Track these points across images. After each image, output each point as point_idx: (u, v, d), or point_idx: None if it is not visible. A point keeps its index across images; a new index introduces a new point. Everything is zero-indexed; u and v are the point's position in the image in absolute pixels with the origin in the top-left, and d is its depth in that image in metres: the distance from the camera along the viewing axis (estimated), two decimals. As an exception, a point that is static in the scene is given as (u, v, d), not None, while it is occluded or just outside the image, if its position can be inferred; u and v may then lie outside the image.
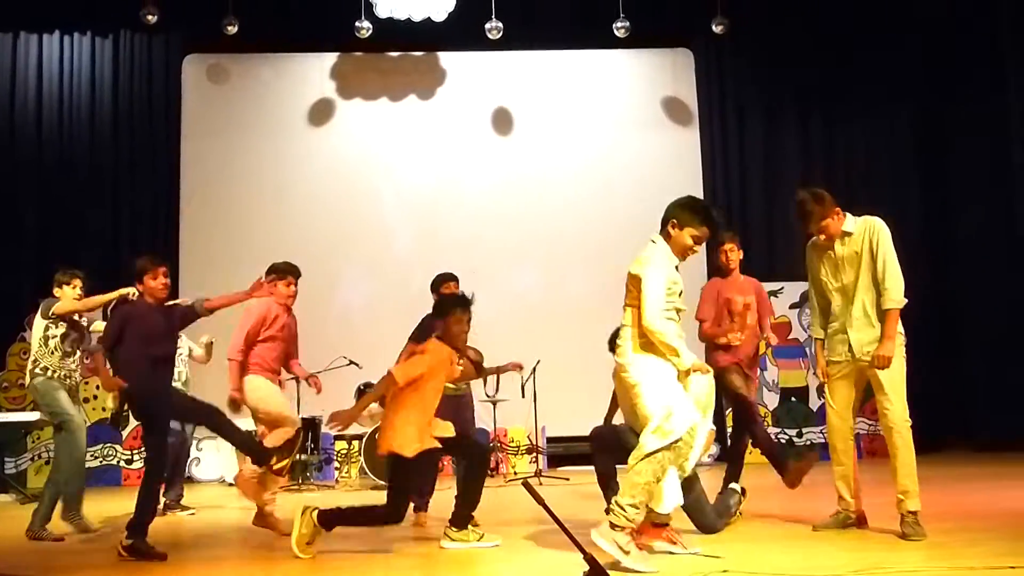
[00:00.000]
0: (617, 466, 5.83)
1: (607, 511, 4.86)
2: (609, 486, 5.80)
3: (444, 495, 6.46)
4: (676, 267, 5.15)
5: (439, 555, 5.50)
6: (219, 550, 6.13)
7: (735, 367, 6.59)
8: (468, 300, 5.80)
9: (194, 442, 11.14)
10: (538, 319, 11.76)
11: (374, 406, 9.75)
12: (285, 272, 6.81)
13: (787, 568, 4.60)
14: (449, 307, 5.76)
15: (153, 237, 12.05)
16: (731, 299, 6.73)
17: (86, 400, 9.90)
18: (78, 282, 7.07)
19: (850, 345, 5.51)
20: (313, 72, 12.68)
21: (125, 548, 5.40)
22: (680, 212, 5.17)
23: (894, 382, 5.42)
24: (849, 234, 5.57)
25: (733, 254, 6.86)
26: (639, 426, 4.96)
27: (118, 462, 10.62)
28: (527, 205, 12.38)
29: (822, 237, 5.61)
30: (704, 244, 5.28)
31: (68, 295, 6.87)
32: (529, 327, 11.47)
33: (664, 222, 5.22)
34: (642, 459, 4.74)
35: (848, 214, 5.59)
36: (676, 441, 4.75)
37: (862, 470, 6.06)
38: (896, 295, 5.41)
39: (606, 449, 6.02)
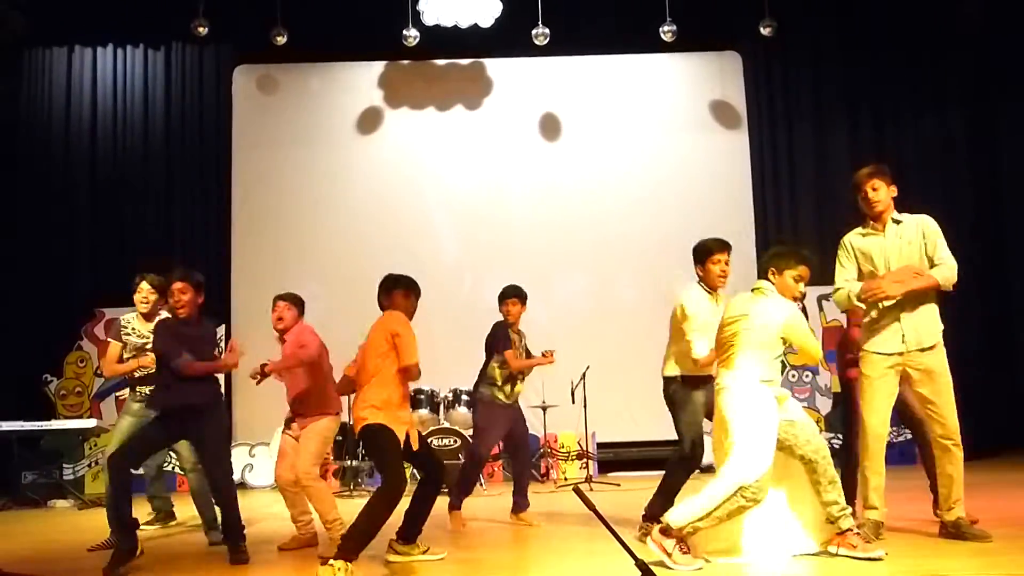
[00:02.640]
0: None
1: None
2: None
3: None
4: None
5: (488, 560, 5.50)
6: (271, 555, 6.18)
7: None
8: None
9: (245, 447, 11.38)
10: (587, 325, 11.72)
11: (423, 412, 9.86)
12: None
13: (841, 572, 4.57)
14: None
15: (205, 246, 12.21)
16: None
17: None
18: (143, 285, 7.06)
19: (904, 336, 5.39)
20: (361, 81, 12.77)
21: None
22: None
23: (950, 394, 5.36)
24: (899, 222, 5.56)
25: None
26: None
27: (173, 468, 10.76)
28: (575, 211, 12.35)
29: (874, 202, 5.55)
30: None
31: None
32: (578, 333, 11.44)
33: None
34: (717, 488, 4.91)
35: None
36: (744, 487, 4.82)
37: (921, 476, 6.02)
38: (951, 273, 5.38)
39: None
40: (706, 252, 6.08)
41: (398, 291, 5.78)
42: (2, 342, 11.17)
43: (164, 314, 6.52)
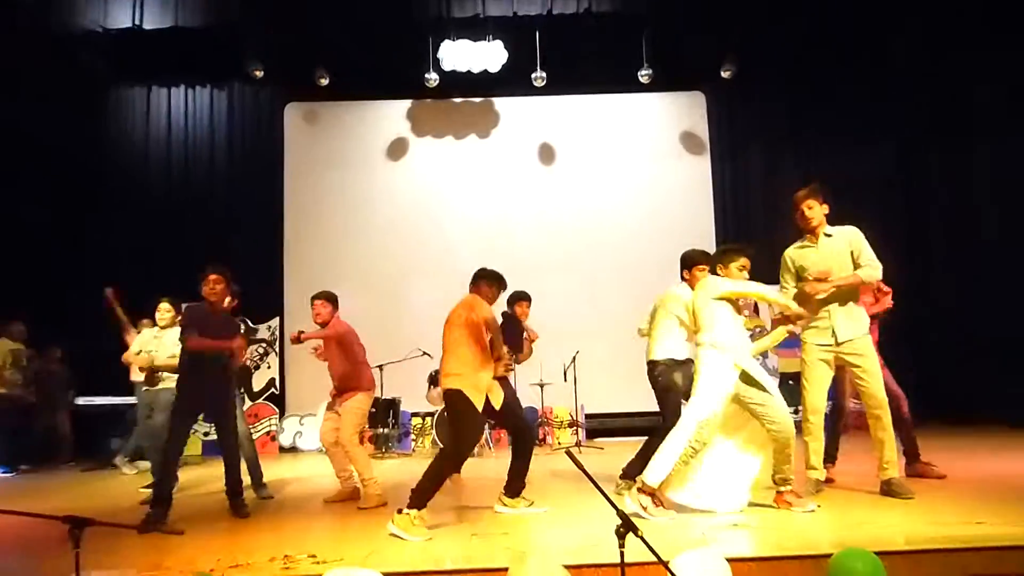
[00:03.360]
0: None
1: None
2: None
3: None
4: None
5: (489, 512, 5.52)
6: (321, 509, 6.20)
7: None
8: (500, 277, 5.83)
9: (296, 417, 11.41)
10: (578, 317, 11.74)
11: (436, 391, 9.73)
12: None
13: (789, 524, 4.59)
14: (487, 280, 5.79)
15: (262, 254, 12.25)
16: None
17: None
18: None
19: (834, 332, 5.44)
20: (390, 116, 12.80)
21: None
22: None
23: (879, 372, 5.40)
24: (830, 236, 5.57)
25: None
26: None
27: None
28: (568, 224, 12.40)
29: (810, 219, 5.55)
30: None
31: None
32: (570, 324, 11.46)
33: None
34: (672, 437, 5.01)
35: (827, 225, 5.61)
36: (694, 432, 4.93)
37: (849, 441, 6.03)
38: (876, 272, 5.43)
39: None
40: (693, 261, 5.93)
41: (483, 281, 5.76)
42: (99, 334, 11.19)
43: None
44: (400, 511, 4.75)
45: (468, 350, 5.27)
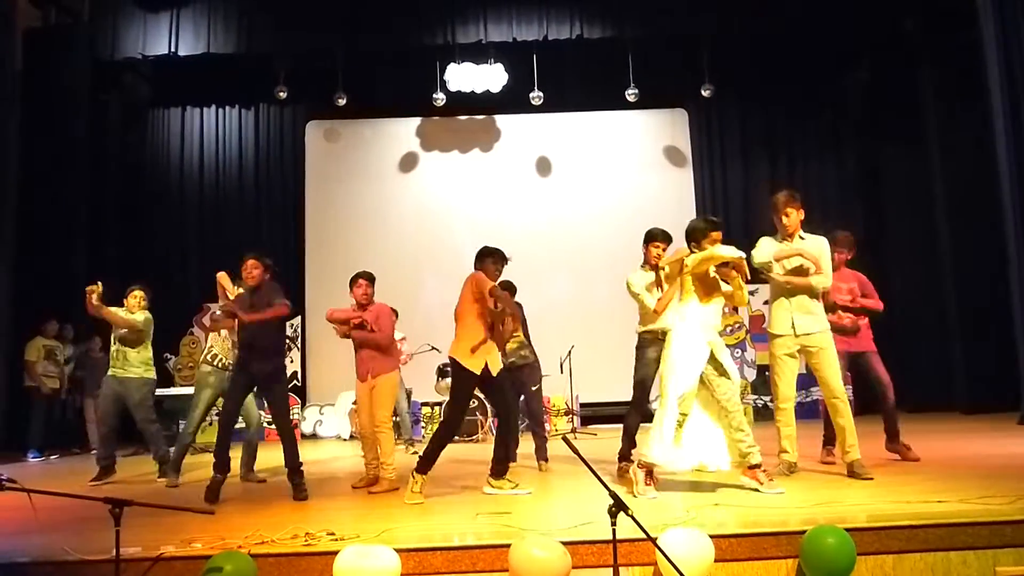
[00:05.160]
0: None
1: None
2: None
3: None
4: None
5: (488, 495, 5.46)
6: (340, 491, 6.16)
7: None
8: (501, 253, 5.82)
9: (316, 407, 11.35)
10: (573, 315, 11.73)
11: (448, 381, 9.70)
12: (354, 278, 6.41)
13: (765, 503, 4.55)
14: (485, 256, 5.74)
15: (285, 255, 12.21)
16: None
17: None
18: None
19: (794, 324, 5.37)
20: (402, 132, 12.77)
21: None
22: None
23: (835, 366, 5.34)
24: (803, 239, 5.48)
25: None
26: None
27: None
28: (564, 230, 12.36)
29: (787, 225, 5.43)
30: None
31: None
32: (566, 321, 11.45)
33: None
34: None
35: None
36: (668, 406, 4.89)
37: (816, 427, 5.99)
38: (827, 281, 5.41)
39: None
40: (649, 237, 6.07)
41: (488, 259, 5.74)
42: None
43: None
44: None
45: (468, 320, 5.39)
